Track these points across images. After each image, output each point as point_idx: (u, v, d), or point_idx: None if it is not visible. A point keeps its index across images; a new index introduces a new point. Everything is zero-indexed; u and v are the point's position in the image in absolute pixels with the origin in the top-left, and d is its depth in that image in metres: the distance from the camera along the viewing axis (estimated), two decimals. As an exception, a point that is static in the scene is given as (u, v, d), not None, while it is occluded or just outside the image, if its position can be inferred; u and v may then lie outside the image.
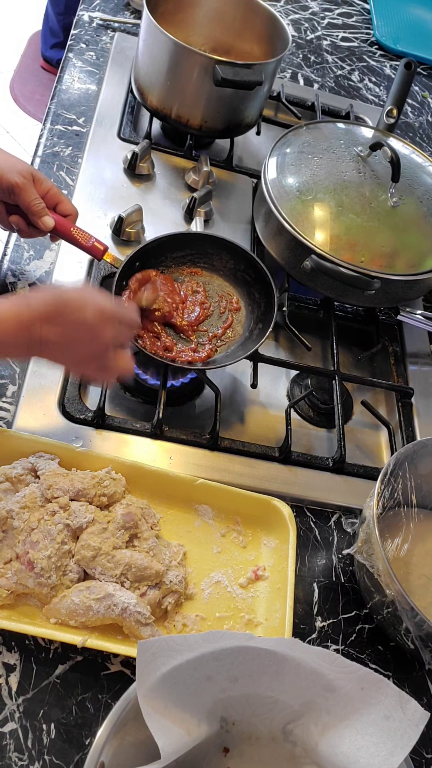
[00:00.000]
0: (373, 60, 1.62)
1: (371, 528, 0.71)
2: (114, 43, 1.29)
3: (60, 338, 0.66)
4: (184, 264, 0.95)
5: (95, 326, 0.68)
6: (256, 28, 1.17)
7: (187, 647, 0.53)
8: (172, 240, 0.94)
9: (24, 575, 0.66)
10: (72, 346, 0.68)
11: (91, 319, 0.67)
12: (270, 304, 0.90)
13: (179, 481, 0.77)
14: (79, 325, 0.67)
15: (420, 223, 1.00)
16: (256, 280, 0.94)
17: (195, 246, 0.95)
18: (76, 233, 0.87)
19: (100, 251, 0.89)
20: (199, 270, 0.96)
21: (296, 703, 0.57)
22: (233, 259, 0.95)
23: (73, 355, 0.70)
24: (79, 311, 0.67)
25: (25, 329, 0.65)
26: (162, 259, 0.94)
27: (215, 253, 0.96)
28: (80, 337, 0.68)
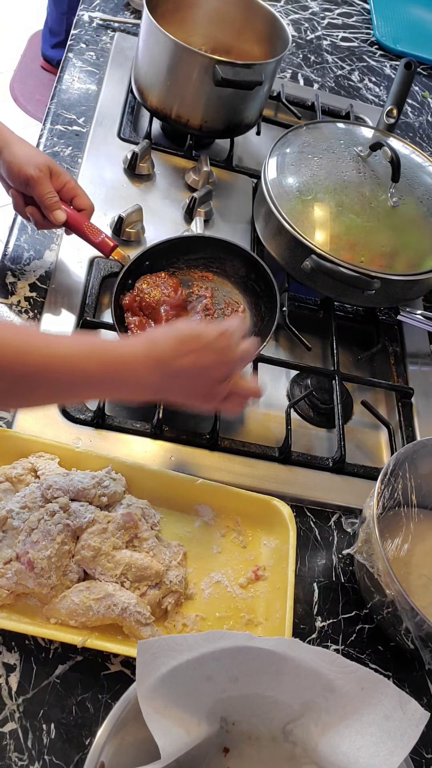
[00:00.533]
0: (373, 60, 1.62)
1: (371, 528, 0.71)
2: (114, 43, 1.29)
3: (193, 366, 0.66)
4: (197, 267, 0.95)
5: (223, 348, 0.67)
6: (256, 28, 1.17)
7: (187, 647, 0.53)
8: (185, 242, 0.94)
9: (24, 575, 0.66)
10: (203, 374, 0.68)
11: (217, 340, 0.67)
12: (272, 318, 0.90)
13: (179, 481, 0.77)
14: (206, 350, 0.66)
15: (420, 223, 1.00)
16: (264, 292, 0.94)
17: (208, 250, 0.95)
18: (87, 229, 0.88)
19: (109, 247, 0.89)
20: (211, 274, 0.96)
21: (296, 703, 0.57)
22: (245, 267, 0.95)
23: (204, 384, 0.69)
24: (203, 337, 0.67)
25: (158, 363, 0.64)
26: (174, 260, 0.94)
27: (228, 259, 0.96)
28: (211, 362, 0.67)
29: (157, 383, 0.66)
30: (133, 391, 0.67)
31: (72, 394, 0.67)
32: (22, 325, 0.86)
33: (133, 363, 0.63)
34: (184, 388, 0.68)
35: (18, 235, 0.96)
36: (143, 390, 0.67)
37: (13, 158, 0.82)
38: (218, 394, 0.71)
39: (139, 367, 0.64)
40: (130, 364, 0.63)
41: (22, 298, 0.90)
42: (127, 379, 0.64)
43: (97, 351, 0.62)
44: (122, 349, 0.64)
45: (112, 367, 0.63)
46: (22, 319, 0.88)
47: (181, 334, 0.66)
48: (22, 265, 0.93)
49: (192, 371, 0.66)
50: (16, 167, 0.81)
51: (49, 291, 0.92)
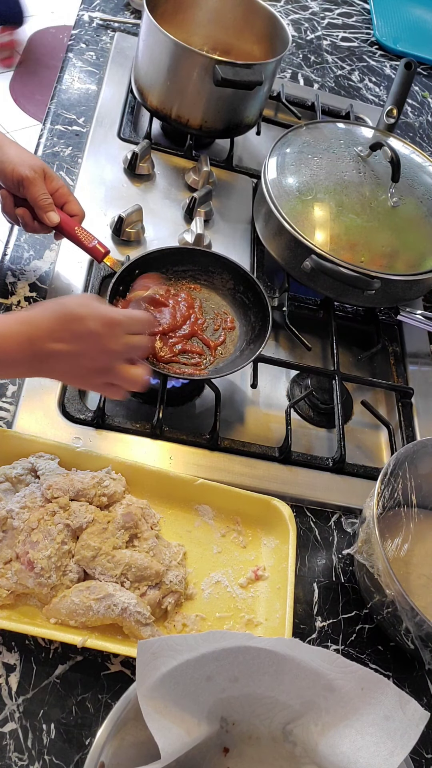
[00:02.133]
0: (373, 60, 1.62)
1: (371, 528, 0.71)
2: (114, 43, 1.29)
3: (66, 352, 0.65)
4: (185, 279, 0.95)
5: (102, 336, 0.66)
6: (256, 28, 1.17)
7: (187, 647, 0.53)
8: (175, 253, 0.93)
9: (24, 575, 0.66)
10: (78, 360, 0.66)
11: (97, 328, 0.66)
12: (264, 327, 0.89)
13: (179, 481, 0.77)
14: (85, 336, 0.65)
15: (420, 223, 1.00)
16: (254, 303, 0.94)
17: (197, 262, 0.95)
18: (79, 233, 0.87)
19: (101, 253, 0.89)
20: (199, 286, 0.95)
21: (296, 703, 0.57)
22: (233, 280, 0.95)
23: (79, 370, 0.68)
24: (84, 322, 0.65)
25: (29, 345, 0.63)
26: (163, 270, 0.93)
27: (216, 272, 0.95)
28: (87, 349, 0.66)
29: (31, 364, 0.65)
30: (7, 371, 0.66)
31: None
32: None
33: (6, 343, 0.62)
34: (58, 370, 0.67)
35: (18, 235, 0.96)
36: (17, 370, 0.66)
37: (6, 158, 0.81)
38: (94, 381, 0.70)
39: (13, 348, 0.63)
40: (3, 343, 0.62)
41: (22, 298, 0.90)
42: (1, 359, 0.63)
43: None
44: None
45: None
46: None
47: (61, 314, 0.65)
48: (22, 265, 0.93)
49: (66, 355, 0.65)
50: (9, 167, 0.81)
51: (49, 291, 0.92)
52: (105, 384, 0.70)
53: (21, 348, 0.63)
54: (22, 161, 0.81)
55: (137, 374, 0.70)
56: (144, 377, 0.71)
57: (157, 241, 1.04)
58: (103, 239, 1.00)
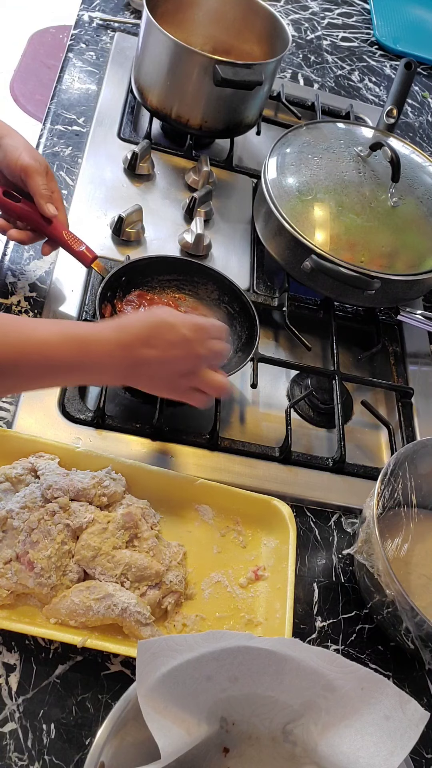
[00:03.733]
0: (373, 60, 1.62)
1: (371, 528, 0.71)
2: (114, 43, 1.29)
3: (158, 358, 0.67)
4: (169, 288, 0.95)
5: (192, 341, 0.69)
6: (256, 28, 1.17)
7: (187, 647, 0.53)
8: (161, 262, 0.93)
9: (24, 575, 0.66)
10: (169, 365, 0.69)
11: (188, 334, 0.68)
12: (252, 336, 0.89)
13: (179, 481, 0.77)
14: (177, 343, 0.68)
15: (420, 223, 1.00)
16: (239, 313, 0.93)
17: (182, 272, 0.94)
18: (67, 236, 0.87)
19: (89, 258, 0.88)
20: (184, 296, 0.95)
21: (296, 703, 0.57)
22: (218, 290, 0.95)
23: (169, 375, 0.70)
24: (177, 329, 0.68)
25: (125, 351, 0.66)
26: (148, 279, 0.93)
27: (201, 282, 0.95)
28: (178, 354, 0.68)
29: (123, 369, 0.67)
30: (100, 377, 0.70)
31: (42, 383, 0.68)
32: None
33: (101, 349, 0.65)
34: (148, 376, 0.70)
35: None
36: (109, 376, 0.69)
37: (14, 144, 0.83)
38: (181, 386, 0.72)
39: (107, 353, 0.65)
40: (99, 349, 0.65)
41: (22, 298, 0.90)
42: (95, 364, 0.65)
43: (70, 337, 0.63)
44: (93, 335, 0.65)
45: (82, 353, 0.64)
46: (22, 319, 0.88)
47: (153, 322, 0.68)
48: (22, 265, 0.93)
49: (157, 361, 0.67)
50: (16, 153, 0.82)
51: (49, 291, 0.92)
52: (190, 389, 0.73)
53: (117, 354, 0.65)
54: (28, 151, 0.83)
55: (221, 380, 0.73)
56: (227, 384, 0.74)
57: (157, 241, 1.04)
58: (104, 239, 1.00)
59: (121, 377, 0.70)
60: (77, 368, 0.65)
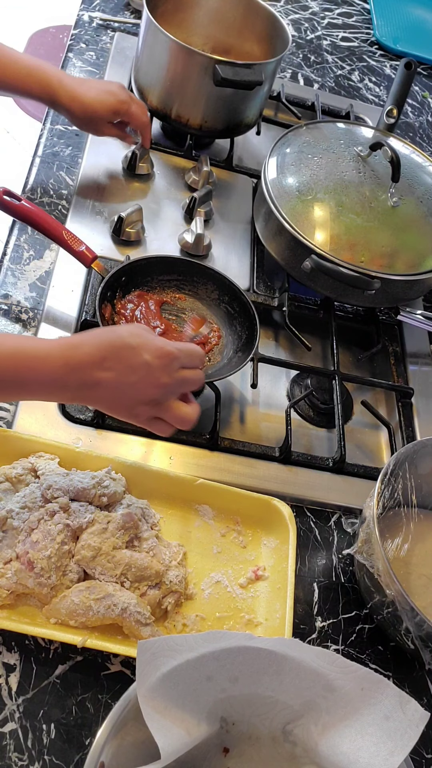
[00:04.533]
0: (373, 60, 1.62)
1: (371, 528, 0.71)
2: (114, 43, 1.29)
3: (115, 381, 0.62)
4: (169, 288, 0.94)
5: (155, 369, 0.63)
6: (256, 28, 1.17)
7: (187, 647, 0.53)
8: (161, 262, 0.93)
9: (24, 575, 0.66)
10: (128, 391, 0.63)
11: (151, 360, 0.63)
12: (252, 336, 0.89)
13: (179, 481, 0.77)
14: (137, 367, 0.63)
15: (420, 223, 1.00)
16: (239, 313, 0.93)
17: (182, 272, 0.94)
18: (66, 236, 0.87)
19: (88, 258, 0.89)
20: (183, 296, 0.95)
21: (296, 703, 0.57)
22: (218, 290, 0.95)
23: (127, 401, 0.65)
24: (138, 353, 0.63)
25: (72, 371, 0.61)
26: (148, 279, 0.93)
27: (201, 282, 0.95)
28: (138, 381, 0.63)
29: (72, 390, 0.62)
30: (39, 394, 0.63)
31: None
32: None
33: (45, 367, 0.60)
34: (102, 399, 0.64)
35: (18, 235, 0.96)
36: (56, 395, 0.64)
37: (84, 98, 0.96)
38: (142, 414, 0.66)
39: (50, 372, 0.60)
40: (42, 367, 0.60)
41: (22, 298, 0.90)
42: (37, 382, 0.61)
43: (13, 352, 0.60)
44: (38, 351, 0.61)
45: (23, 368, 0.60)
46: (22, 318, 0.88)
47: (111, 343, 0.63)
48: (22, 265, 0.93)
49: (112, 384, 0.62)
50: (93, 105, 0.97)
51: (49, 291, 0.92)
52: (152, 419, 0.67)
53: (62, 373, 0.61)
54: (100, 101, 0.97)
55: (188, 413, 0.67)
56: (194, 417, 0.68)
57: (157, 241, 1.04)
58: (103, 239, 1.00)
59: (68, 397, 0.64)
60: (18, 384, 0.61)
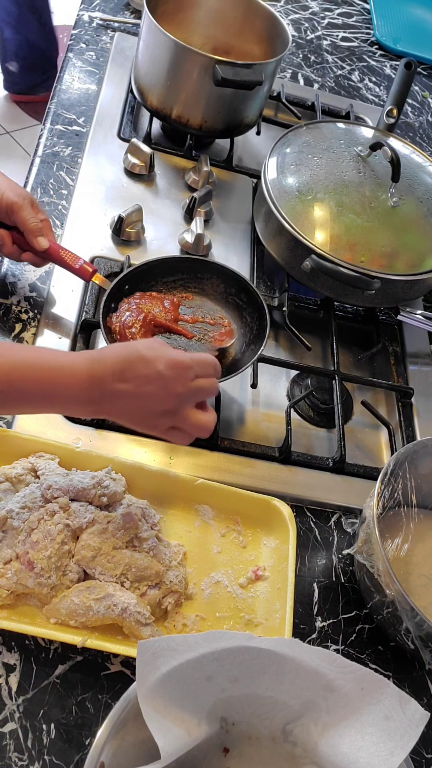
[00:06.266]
0: (373, 60, 1.62)
1: (371, 528, 0.71)
2: (114, 43, 1.29)
3: (132, 393, 0.63)
4: (175, 289, 0.94)
5: (170, 379, 0.64)
6: (256, 28, 1.17)
7: (187, 647, 0.53)
8: (161, 264, 0.92)
9: (24, 575, 0.66)
10: (145, 402, 0.64)
11: (165, 371, 0.64)
12: (262, 326, 0.89)
13: (179, 481, 0.77)
14: (153, 378, 0.64)
15: (420, 223, 1.00)
16: (248, 303, 0.93)
17: (185, 270, 0.94)
18: (64, 254, 0.87)
19: (88, 273, 0.88)
20: (191, 295, 0.94)
21: (296, 703, 0.57)
22: (224, 283, 0.94)
23: (145, 412, 0.66)
24: (152, 364, 0.64)
25: (97, 384, 0.62)
26: (152, 283, 0.92)
27: (206, 278, 0.94)
28: (154, 392, 0.64)
29: (93, 402, 0.63)
30: (66, 407, 0.65)
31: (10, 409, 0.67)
32: None
33: (70, 378, 0.62)
34: (122, 411, 0.65)
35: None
36: (77, 407, 0.65)
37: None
38: (160, 425, 0.67)
39: (75, 384, 0.62)
40: (67, 378, 0.62)
41: (22, 298, 0.90)
42: (60, 394, 0.62)
43: (38, 364, 0.61)
44: (64, 364, 0.62)
45: (52, 382, 0.61)
46: (22, 318, 0.88)
47: (129, 356, 0.64)
48: (22, 265, 0.93)
49: (131, 396, 0.63)
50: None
51: (49, 291, 0.92)
52: (170, 429, 0.68)
53: (86, 388, 0.62)
54: (11, 188, 0.82)
55: (205, 420, 0.68)
56: (211, 425, 0.68)
57: (157, 242, 1.04)
58: (103, 239, 1.00)
59: (93, 410, 0.65)
60: (46, 397, 0.62)
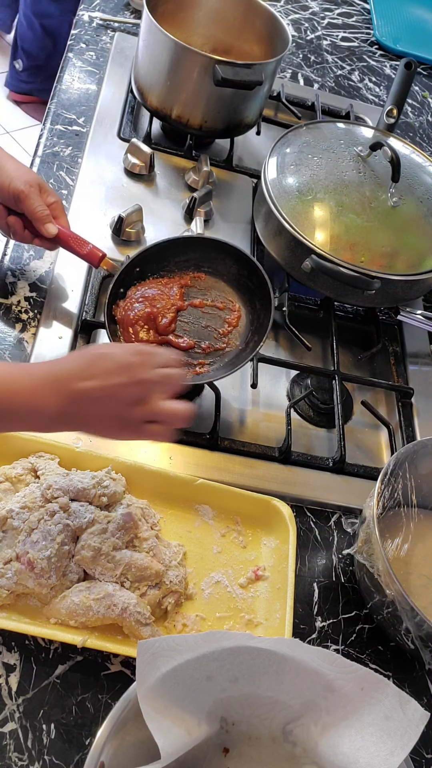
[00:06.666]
0: (373, 60, 1.62)
1: (371, 528, 0.71)
2: (114, 43, 1.29)
3: (99, 388, 0.61)
4: (188, 268, 0.93)
5: (132, 366, 0.63)
6: (256, 28, 1.17)
7: (187, 647, 0.53)
8: (173, 244, 0.92)
9: (24, 575, 0.66)
10: (113, 396, 0.62)
11: (126, 359, 0.63)
12: (267, 317, 0.88)
13: (179, 481, 0.77)
14: (116, 370, 0.62)
15: (420, 223, 1.00)
16: (258, 288, 0.91)
17: (198, 250, 0.92)
18: (73, 240, 0.87)
19: (97, 257, 0.88)
20: (203, 275, 0.93)
21: (296, 703, 0.57)
22: (236, 264, 0.92)
23: (117, 407, 0.63)
24: (113, 357, 0.63)
25: (59, 385, 0.60)
26: (165, 264, 0.92)
27: (219, 258, 0.93)
28: (120, 382, 0.62)
29: (58, 409, 0.60)
30: (28, 421, 0.61)
31: None
32: None
33: (25, 388, 0.59)
34: (92, 413, 0.63)
35: (12, 239, 0.96)
36: (41, 419, 0.60)
37: (3, 173, 0.82)
38: (134, 419, 0.64)
39: (32, 393, 0.59)
40: (22, 388, 0.58)
41: (22, 298, 0.90)
42: (19, 407, 0.58)
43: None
44: (17, 374, 0.60)
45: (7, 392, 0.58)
46: (22, 318, 0.88)
47: (89, 355, 0.63)
48: (22, 265, 0.93)
49: (99, 393, 0.61)
50: (6, 181, 0.81)
51: (49, 291, 0.92)
52: (147, 424, 0.65)
53: (47, 394, 0.59)
54: (18, 176, 0.82)
55: (180, 408, 0.65)
56: (187, 412, 0.65)
57: (157, 241, 1.04)
58: (104, 239, 1.00)
59: (60, 419, 0.61)
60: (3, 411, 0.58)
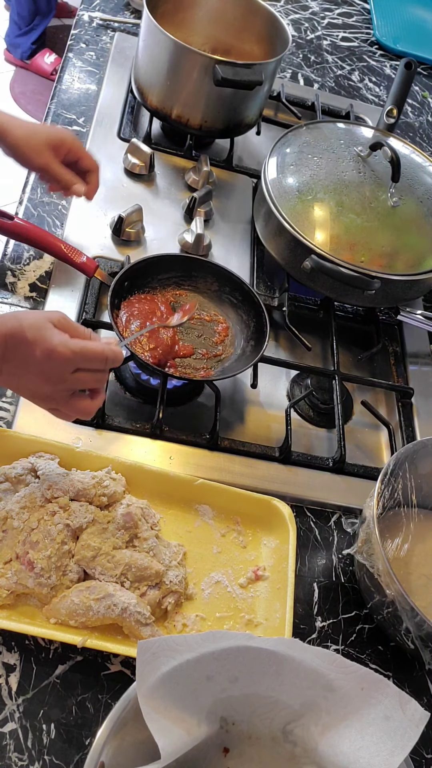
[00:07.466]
0: (373, 60, 1.62)
1: (371, 528, 0.71)
2: (114, 43, 1.29)
3: (12, 373, 0.64)
4: (169, 286, 0.94)
5: (44, 368, 0.63)
6: (256, 28, 1.17)
7: (187, 647, 0.53)
8: (158, 261, 0.93)
9: (24, 575, 0.66)
10: (24, 382, 0.65)
11: (40, 358, 0.62)
12: (261, 322, 0.90)
13: (179, 481, 0.77)
14: (28, 363, 0.63)
15: (420, 223, 1.00)
16: (242, 302, 0.94)
17: (180, 268, 0.94)
18: (66, 250, 0.88)
19: (91, 269, 0.90)
20: (184, 292, 0.95)
21: (296, 703, 0.57)
22: (218, 282, 0.95)
23: (25, 391, 0.67)
24: (30, 348, 0.62)
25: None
26: (149, 280, 0.93)
27: (200, 276, 0.95)
28: (31, 378, 0.64)
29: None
30: None
31: None
32: None
33: None
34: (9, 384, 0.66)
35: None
36: None
37: (15, 145, 0.83)
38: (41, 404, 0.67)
39: None
40: None
41: (22, 298, 0.90)
42: None
43: None
44: None
45: None
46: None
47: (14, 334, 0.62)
48: (22, 265, 0.93)
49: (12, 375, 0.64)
50: (22, 159, 0.84)
51: (49, 291, 0.92)
52: (51, 408, 0.68)
53: None
54: (30, 148, 0.83)
55: (84, 407, 0.68)
56: (91, 411, 0.68)
57: (157, 241, 1.04)
58: (103, 239, 1.00)
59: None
60: None
